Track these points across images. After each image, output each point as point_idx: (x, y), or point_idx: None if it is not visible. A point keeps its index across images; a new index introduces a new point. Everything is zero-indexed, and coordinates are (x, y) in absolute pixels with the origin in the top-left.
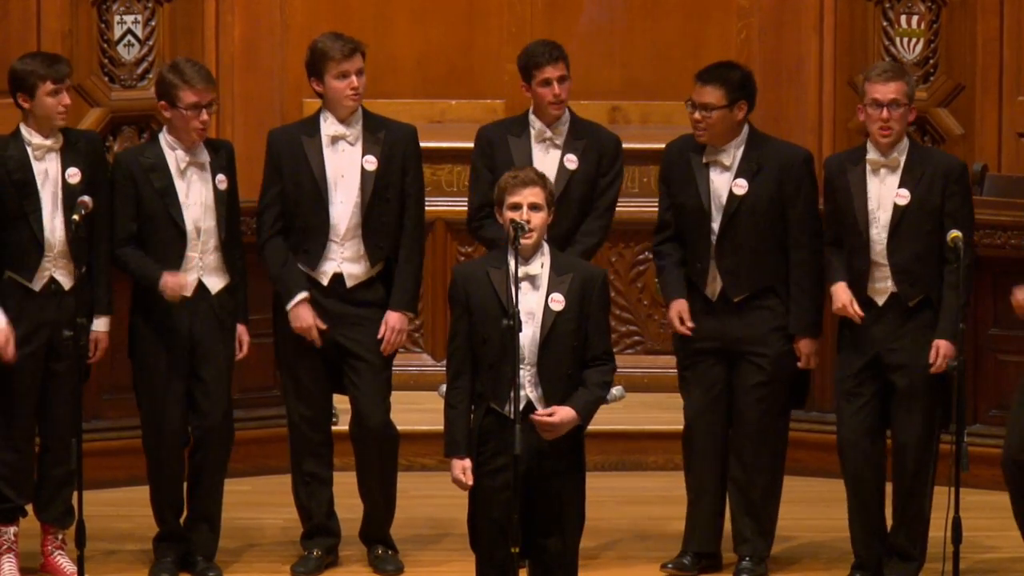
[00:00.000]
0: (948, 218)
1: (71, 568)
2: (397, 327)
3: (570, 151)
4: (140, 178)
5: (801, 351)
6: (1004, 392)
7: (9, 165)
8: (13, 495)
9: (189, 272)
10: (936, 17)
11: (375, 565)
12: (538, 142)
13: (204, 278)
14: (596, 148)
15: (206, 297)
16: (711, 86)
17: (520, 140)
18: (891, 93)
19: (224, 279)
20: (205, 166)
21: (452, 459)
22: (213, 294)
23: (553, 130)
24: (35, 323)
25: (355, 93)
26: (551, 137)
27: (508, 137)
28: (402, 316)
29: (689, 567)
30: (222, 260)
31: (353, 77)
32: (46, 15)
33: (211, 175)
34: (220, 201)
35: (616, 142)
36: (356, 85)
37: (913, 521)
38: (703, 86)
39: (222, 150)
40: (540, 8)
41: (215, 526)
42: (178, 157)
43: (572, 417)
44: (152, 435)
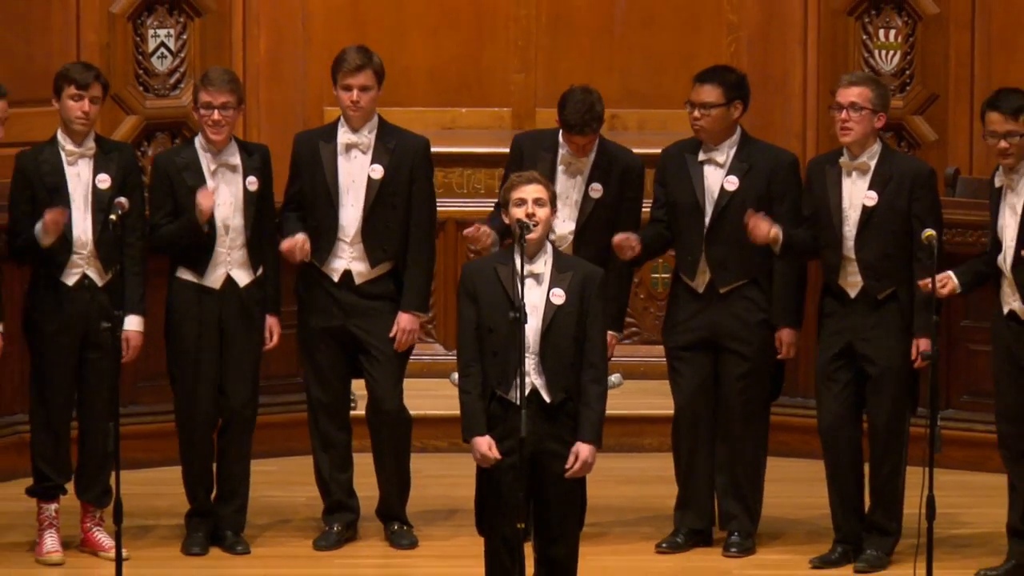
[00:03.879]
0: (916, 219)
1: (109, 543)
2: (408, 327)
3: (595, 179)
4: (175, 177)
5: (782, 341)
6: (975, 380)
7: (43, 169)
8: (53, 475)
9: (218, 267)
10: (912, 31)
11: (391, 540)
12: (563, 165)
13: (232, 272)
14: (619, 175)
15: (235, 289)
16: (709, 85)
17: (549, 156)
18: (851, 97)
19: (252, 273)
20: (236, 168)
21: (474, 439)
22: (241, 287)
23: (579, 161)
24: (69, 316)
25: (354, 106)
26: (575, 162)
27: (539, 152)
28: (412, 317)
29: (682, 544)
30: (249, 256)
31: (355, 91)
32: (85, 29)
33: (242, 176)
34: (249, 201)
35: (640, 167)
36: (356, 99)
37: (888, 499)
38: (701, 85)
39: (256, 154)
40: (544, 24)
41: (243, 503)
42: (209, 159)
43: (591, 449)
44: (184, 417)
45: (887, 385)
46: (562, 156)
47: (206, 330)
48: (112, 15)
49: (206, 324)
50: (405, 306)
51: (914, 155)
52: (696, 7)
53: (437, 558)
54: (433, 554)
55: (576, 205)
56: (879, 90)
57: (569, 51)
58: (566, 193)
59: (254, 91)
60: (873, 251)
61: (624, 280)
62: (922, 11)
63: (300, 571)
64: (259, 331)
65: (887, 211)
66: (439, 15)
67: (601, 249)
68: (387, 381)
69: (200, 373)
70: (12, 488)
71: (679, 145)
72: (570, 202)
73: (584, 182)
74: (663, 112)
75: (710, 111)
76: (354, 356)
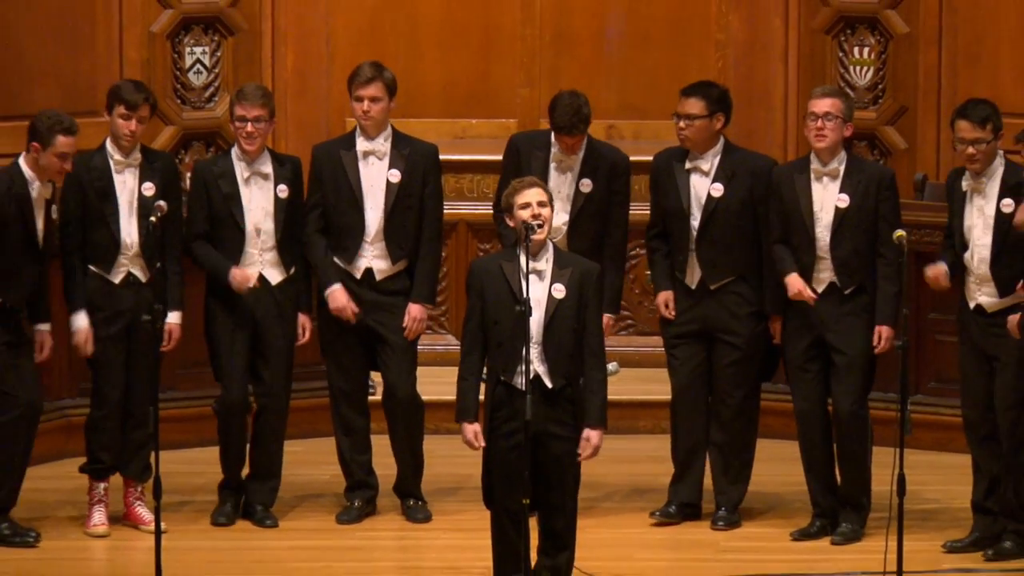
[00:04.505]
0: (882, 219)
1: (149, 516)
2: (418, 317)
3: (585, 175)
4: (211, 184)
5: (776, 328)
6: (942, 368)
7: (93, 175)
8: (107, 458)
9: (251, 266)
10: (884, 49)
11: (407, 514)
12: (555, 162)
13: (264, 271)
14: (607, 171)
15: (267, 287)
16: (693, 98)
17: (541, 155)
18: (825, 107)
19: (283, 273)
20: (268, 176)
21: (463, 424)
22: (273, 285)
23: (569, 159)
24: (115, 310)
25: (365, 115)
26: (566, 159)
27: (533, 151)
28: (422, 307)
29: (674, 516)
30: (280, 256)
31: (366, 102)
32: (128, 47)
33: (273, 184)
34: (279, 207)
35: (626, 163)
36: (367, 109)
37: (856, 475)
38: (686, 98)
39: (288, 164)
40: (547, 42)
41: (276, 483)
42: (243, 167)
43: (599, 434)
44: (221, 401)
45: (852, 373)
46: (554, 154)
47: (240, 323)
48: (152, 34)
49: (240, 318)
50: (415, 297)
51: (885, 162)
52: (686, 26)
53: (449, 530)
54: (445, 527)
55: (568, 199)
56: (848, 101)
57: (570, 67)
58: (558, 188)
59: (282, 104)
60: (846, 249)
61: (617, 267)
62: (893, 30)
63: (324, 543)
64: (292, 325)
65: (857, 212)
66: (451, 34)
67: (592, 239)
68: (401, 370)
69: (234, 363)
70: (61, 467)
71: (668, 153)
72: (562, 196)
73: (575, 178)
74: (656, 123)
75: (693, 122)
76: (371, 348)
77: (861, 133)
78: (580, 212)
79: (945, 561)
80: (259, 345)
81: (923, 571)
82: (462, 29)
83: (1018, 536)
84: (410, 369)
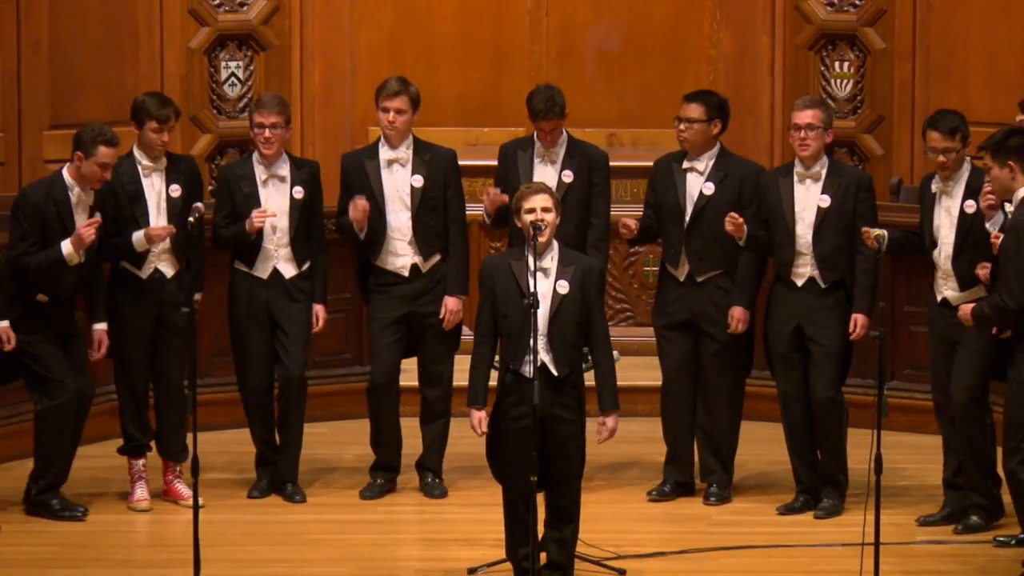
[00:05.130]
0: (860, 219)
1: (187, 492)
2: (454, 308)
3: (567, 167)
4: (233, 185)
5: (734, 316)
6: (916, 356)
7: (123, 180)
8: (138, 435)
9: (267, 261)
10: (862, 63)
11: (425, 491)
12: (538, 157)
13: (279, 265)
14: (587, 164)
15: (281, 280)
16: (695, 104)
17: (525, 154)
18: (807, 118)
19: (296, 268)
20: (285, 178)
21: (472, 409)
22: (287, 278)
23: (551, 152)
24: (143, 304)
25: (390, 126)
26: (548, 156)
27: (518, 152)
28: (457, 299)
29: (669, 493)
30: (294, 253)
31: (391, 113)
32: (168, 62)
33: (290, 186)
34: (294, 207)
35: (604, 157)
36: (392, 120)
37: (833, 455)
38: (688, 103)
39: (305, 168)
40: (553, 56)
41: (297, 456)
42: (262, 170)
43: (615, 417)
44: (240, 384)
45: (828, 362)
46: (537, 150)
47: (255, 312)
48: (190, 49)
49: (255, 307)
50: (450, 291)
51: (864, 168)
52: (681, 42)
53: (464, 505)
54: (460, 502)
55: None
56: (827, 111)
57: (574, 80)
58: (544, 180)
59: (310, 114)
60: (827, 246)
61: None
62: (871, 46)
63: (349, 516)
64: (307, 315)
65: (837, 212)
66: (465, 50)
67: (576, 226)
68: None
69: (250, 347)
70: (105, 448)
71: (668, 156)
72: None
73: (558, 171)
74: (654, 131)
75: (693, 125)
76: (414, 335)
77: (841, 140)
78: (564, 201)
79: (919, 533)
80: (277, 332)
81: (898, 542)
82: (475, 45)
83: (982, 510)
84: (450, 355)
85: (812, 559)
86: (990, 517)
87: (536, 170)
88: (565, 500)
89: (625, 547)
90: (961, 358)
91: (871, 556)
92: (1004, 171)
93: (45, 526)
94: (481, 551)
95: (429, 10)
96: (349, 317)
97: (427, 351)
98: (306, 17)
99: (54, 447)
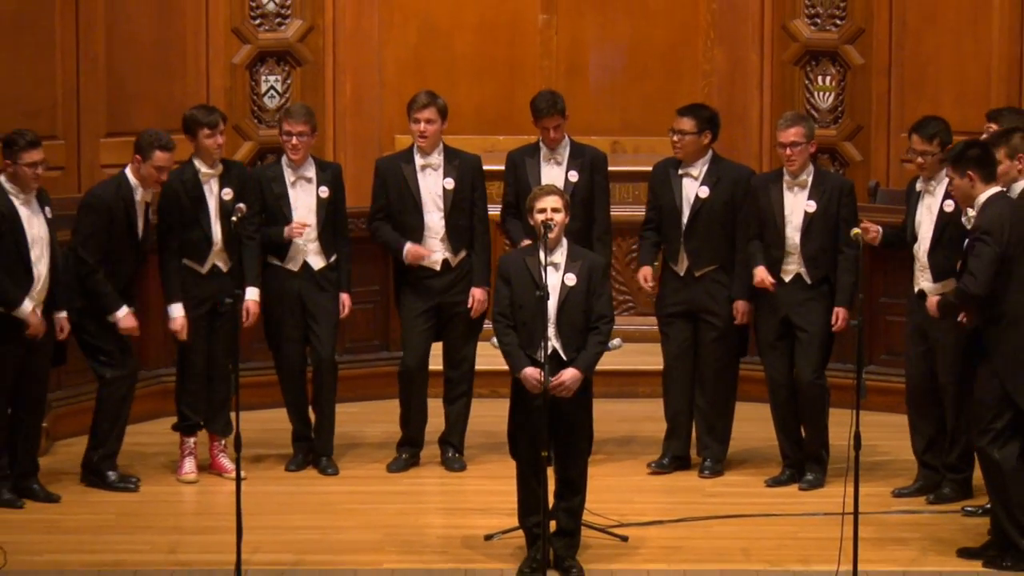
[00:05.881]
0: (843, 221)
1: (231, 466)
2: (481, 298)
3: (572, 168)
4: (265, 187)
5: (739, 309)
6: (891, 343)
7: (186, 185)
8: (193, 415)
9: (297, 255)
10: (843, 77)
11: (446, 464)
12: (545, 161)
13: (308, 258)
14: (589, 163)
15: (310, 271)
16: (687, 117)
17: (533, 159)
18: (791, 137)
19: (324, 260)
20: (311, 180)
21: (523, 371)
22: (316, 269)
23: (556, 154)
24: (202, 295)
25: (421, 136)
26: (554, 157)
27: (525, 158)
28: (483, 290)
29: (667, 467)
30: (322, 246)
31: (422, 123)
32: (213, 76)
33: (315, 187)
34: (320, 206)
35: (604, 156)
36: (423, 130)
37: (816, 433)
38: (681, 117)
39: (329, 169)
40: (562, 72)
41: (331, 432)
42: (290, 173)
43: (574, 374)
44: (279, 368)
45: (812, 348)
46: (543, 154)
47: (288, 301)
48: (233, 65)
49: (288, 296)
50: (477, 283)
51: (844, 173)
52: (678, 59)
53: (481, 478)
54: (478, 475)
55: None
56: (808, 125)
57: (580, 93)
58: (552, 180)
59: (342, 123)
60: (814, 246)
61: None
62: (850, 62)
63: (376, 488)
64: (335, 303)
65: (823, 216)
66: (482, 65)
67: (582, 220)
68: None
69: (284, 334)
70: (157, 425)
71: (665, 162)
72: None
73: (564, 171)
74: (653, 139)
75: (685, 137)
76: (442, 322)
77: (824, 147)
78: (570, 198)
79: (894, 504)
80: (309, 319)
81: (875, 512)
82: (491, 62)
83: (955, 484)
84: (474, 340)
85: (797, 527)
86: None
87: (543, 172)
88: (573, 473)
89: (628, 516)
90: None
91: (850, 524)
92: (965, 180)
93: (101, 496)
94: (497, 519)
95: (450, 30)
96: (377, 308)
97: (453, 337)
98: (338, 36)
99: (116, 415)
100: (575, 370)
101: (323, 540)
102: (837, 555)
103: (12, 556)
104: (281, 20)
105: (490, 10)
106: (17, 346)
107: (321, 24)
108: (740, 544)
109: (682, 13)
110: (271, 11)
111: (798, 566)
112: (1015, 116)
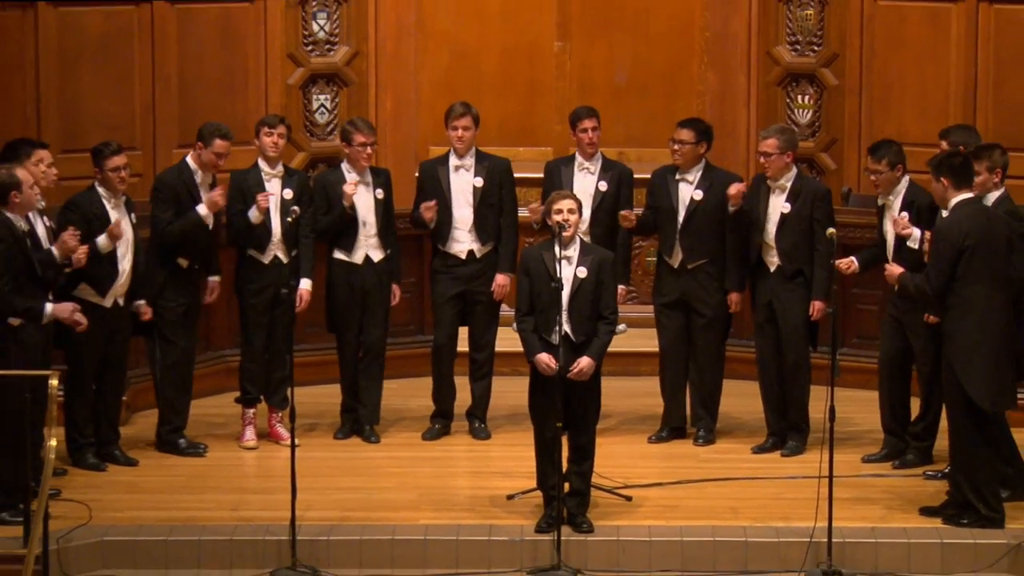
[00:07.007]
0: (817, 222)
1: (286, 435)
2: (503, 283)
3: (602, 179)
4: (329, 190)
5: (732, 300)
6: (862, 328)
7: (250, 183)
8: (253, 390)
9: (359, 249)
10: (820, 96)
11: (473, 433)
12: (579, 170)
13: (369, 252)
14: (617, 177)
15: (371, 263)
16: (686, 129)
17: (567, 169)
18: (765, 147)
19: (382, 252)
20: (369, 183)
21: (536, 356)
22: (375, 262)
23: (590, 164)
24: (264, 283)
25: (458, 140)
26: (588, 167)
27: (561, 167)
28: (506, 276)
29: (665, 437)
30: (380, 241)
31: (460, 130)
32: (271, 95)
33: (373, 189)
34: (378, 205)
35: (630, 172)
36: (459, 135)
37: (798, 406)
38: (681, 128)
39: (382, 174)
40: (574, 91)
41: (376, 406)
42: (352, 177)
43: (590, 362)
44: (339, 348)
45: (795, 333)
46: (578, 164)
47: (353, 291)
48: (289, 85)
49: (353, 287)
50: (500, 269)
51: (820, 179)
52: (675, 80)
53: (504, 445)
54: (502, 443)
55: (591, 197)
56: (784, 136)
57: None
58: (584, 189)
59: (382, 136)
60: (787, 243)
61: (627, 248)
62: (826, 83)
63: (413, 454)
64: (387, 292)
65: (796, 217)
66: (505, 84)
67: (607, 227)
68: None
69: (348, 320)
70: (222, 399)
71: (663, 169)
72: (587, 195)
73: (595, 180)
74: (654, 150)
75: (684, 146)
76: (467, 308)
77: (802, 157)
78: (599, 206)
79: (863, 468)
80: (365, 306)
81: (847, 475)
82: (512, 82)
83: (918, 452)
84: (495, 324)
85: (780, 488)
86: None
87: (576, 180)
88: (584, 440)
89: (631, 479)
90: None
91: (826, 486)
92: (939, 185)
93: (174, 461)
94: (518, 481)
95: (477, 54)
96: (413, 297)
97: (477, 322)
98: (380, 60)
99: (179, 396)
100: (589, 358)
101: (366, 499)
102: (814, 513)
103: (97, 513)
104: (330, 46)
105: (512, 37)
106: (99, 336)
107: (365, 50)
108: (730, 503)
109: (679, 40)
110: (321, 39)
111: (780, 522)
112: (964, 132)
